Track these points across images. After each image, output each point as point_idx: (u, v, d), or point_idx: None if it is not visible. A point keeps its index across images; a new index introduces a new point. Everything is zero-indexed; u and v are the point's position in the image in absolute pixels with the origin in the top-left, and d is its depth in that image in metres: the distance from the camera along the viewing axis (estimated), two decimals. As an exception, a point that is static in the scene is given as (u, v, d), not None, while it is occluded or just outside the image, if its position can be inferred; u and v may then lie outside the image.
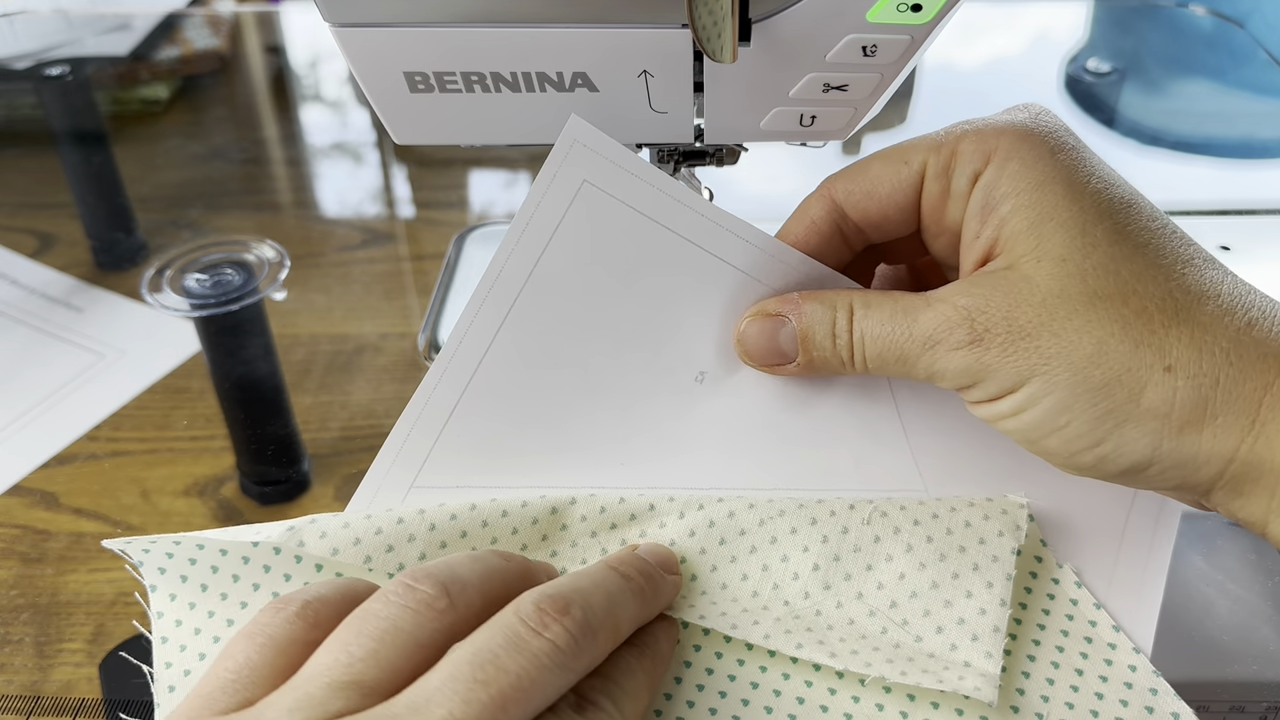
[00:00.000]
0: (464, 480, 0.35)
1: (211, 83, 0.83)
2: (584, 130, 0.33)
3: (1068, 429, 0.29)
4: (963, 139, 0.31)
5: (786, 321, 0.33)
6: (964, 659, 0.31)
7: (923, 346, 0.30)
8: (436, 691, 0.24)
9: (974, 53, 0.85)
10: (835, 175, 0.34)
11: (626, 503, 0.34)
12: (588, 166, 0.33)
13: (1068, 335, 0.28)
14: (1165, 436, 0.28)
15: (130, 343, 0.56)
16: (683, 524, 0.34)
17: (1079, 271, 0.29)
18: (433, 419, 0.35)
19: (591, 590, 0.28)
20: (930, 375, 0.31)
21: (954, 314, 0.30)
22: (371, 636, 0.25)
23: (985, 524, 0.33)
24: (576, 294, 0.34)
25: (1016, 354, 0.29)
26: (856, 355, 0.32)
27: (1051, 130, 0.31)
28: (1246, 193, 0.67)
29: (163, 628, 0.32)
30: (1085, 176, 0.30)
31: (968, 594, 0.32)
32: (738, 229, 0.34)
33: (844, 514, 0.33)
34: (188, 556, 0.33)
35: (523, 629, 0.26)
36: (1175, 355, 0.28)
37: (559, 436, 0.35)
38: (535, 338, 0.35)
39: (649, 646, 0.30)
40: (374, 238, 0.65)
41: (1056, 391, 0.28)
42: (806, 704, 0.31)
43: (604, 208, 0.34)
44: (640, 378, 0.35)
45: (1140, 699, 0.31)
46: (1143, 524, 0.34)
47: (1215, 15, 0.87)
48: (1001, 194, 0.30)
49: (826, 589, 0.32)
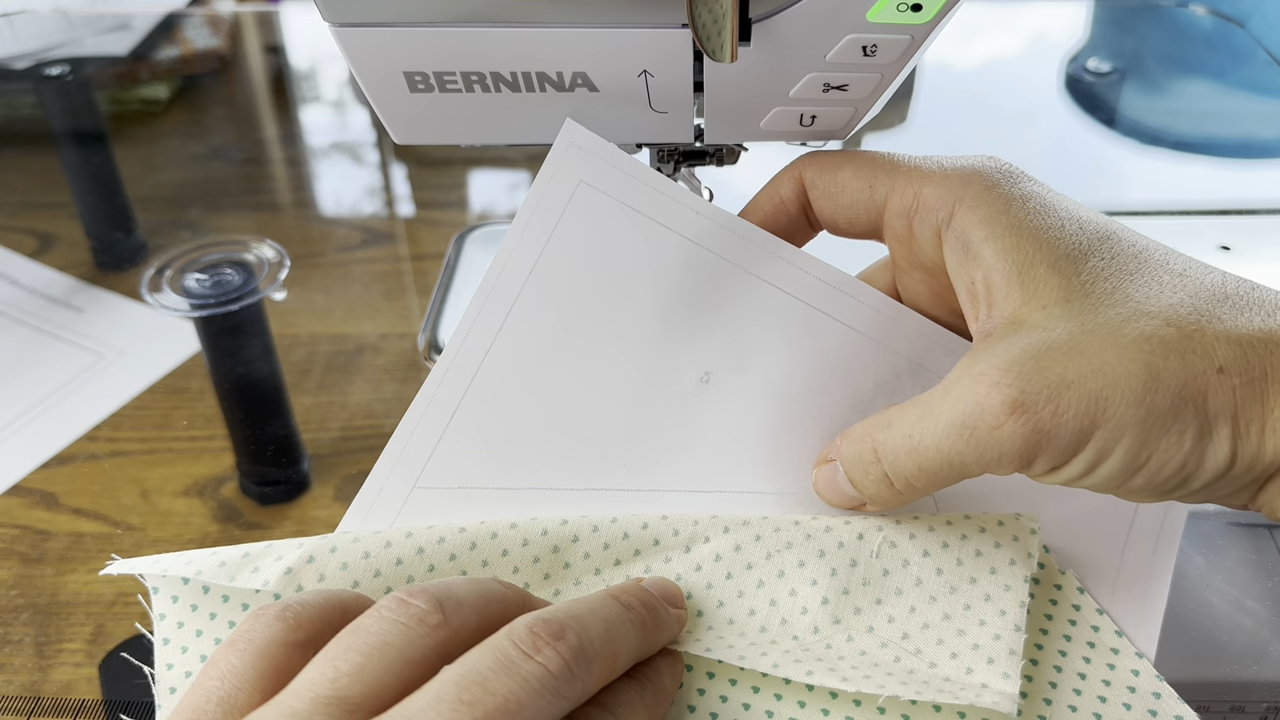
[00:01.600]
0: (466, 481, 0.35)
1: (211, 83, 0.83)
2: (579, 133, 0.33)
3: (1150, 464, 0.27)
4: (926, 183, 0.31)
5: (838, 466, 0.32)
6: (980, 681, 0.30)
7: (958, 438, 0.27)
8: (420, 712, 0.23)
9: (974, 53, 0.85)
10: (809, 156, 0.33)
11: (630, 538, 0.33)
12: (584, 168, 0.33)
13: (1112, 368, 0.26)
14: (1240, 438, 0.27)
15: (130, 343, 0.56)
16: (688, 559, 0.33)
17: (1089, 308, 0.28)
18: (435, 420, 0.35)
19: (588, 617, 0.27)
20: (984, 465, 0.28)
21: (980, 388, 0.27)
22: (359, 651, 0.25)
23: (997, 553, 0.32)
24: (577, 295, 0.34)
25: (1069, 407, 0.26)
26: (906, 487, 0.30)
27: (1013, 177, 0.31)
28: (1246, 193, 0.67)
29: (165, 629, 0.32)
30: (1058, 220, 0.29)
31: (981, 623, 0.31)
32: (735, 226, 0.34)
33: (853, 546, 0.33)
34: (202, 585, 0.33)
35: (514, 651, 0.25)
36: (1222, 355, 0.27)
37: (562, 437, 0.35)
38: (536, 339, 0.34)
39: (650, 681, 0.29)
40: (374, 238, 0.65)
41: (1128, 434, 0.26)
42: (808, 707, 0.31)
43: (601, 208, 0.34)
44: (644, 378, 0.35)
45: (1143, 703, 0.31)
46: (1147, 528, 0.34)
47: (1215, 15, 0.87)
48: (980, 238, 0.29)
49: (836, 623, 0.31)
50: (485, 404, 0.35)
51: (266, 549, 0.32)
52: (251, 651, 0.26)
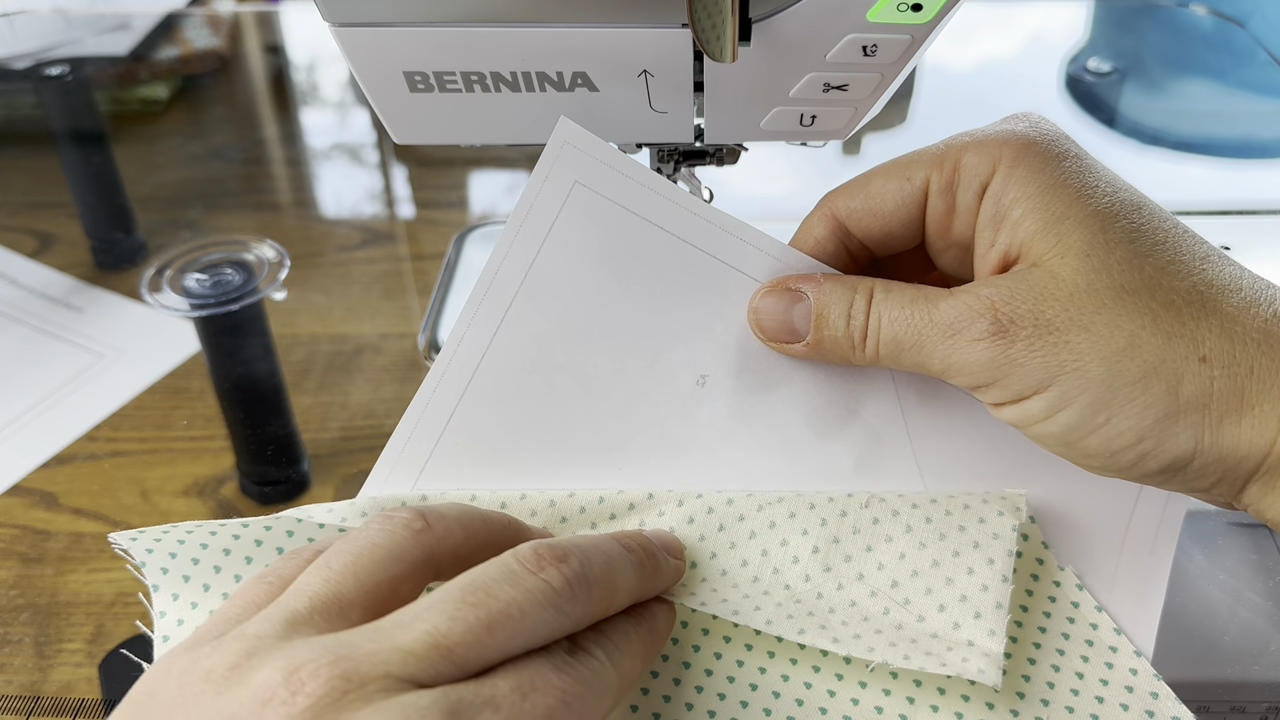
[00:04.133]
0: (464, 484, 0.35)
1: (211, 83, 0.83)
2: (574, 132, 0.33)
3: (1108, 426, 0.28)
4: (965, 152, 0.31)
5: (804, 297, 0.33)
6: (967, 637, 0.30)
7: (942, 334, 0.29)
8: (426, 611, 0.24)
9: (974, 53, 0.85)
10: (835, 192, 0.33)
11: (625, 493, 0.34)
12: (579, 168, 0.33)
13: (1098, 329, 0.28)
14: (1206, 429, 0.27)
15: (130, 343, 0.56)
16: (681, 512, 0.34)
17: (1104, 266, 0.28)
18: (432, 423, 0.35)
19: (590, 549, 0.28)
20: (946, 368, 0.30)
21: (978, 304, 0.29)
22: (349, 552, 0.26)
23: (984, 506, 0.33)
24: (573, 296, 0.34)
25: (1044, 349, 0.28)
26: (870, 339, 0.31)
27: (1053, 138, 0.31)
28: (1246, 193, 0.67)
29: (165, 627, 0.32)
30: (1094, 180, 0.30)
31: (969, 570, 0.32)
32: (732, 228, 0.34)
33: (842, 499, 0.34)
34: (191, 556, 0.33)
35: (518, 567, 0.26)
36: (1209, 346, 0.27)
37: (558, 440, 0.35)
38: (532, 341, 0.34)
39: (646, 619, 0.30)
40: (374, 238, 0.65)
41: (1092, 388, 0.28)
42: (805, 705, 0.31)
43: (597, 209, 0.34)
44: (640, 380, 0.35)
45: (1141, 702, 0.31)
46: (1145, 526, 0.34)
47: (1215, 15, 0.87)
48: (1011, 199, 0.30)
49: (827, 571, 0.32)
50: (482, 407, 0.35)
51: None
52: (279, 585, 0.27)
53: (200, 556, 0.33)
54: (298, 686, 0.22)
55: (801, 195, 0.66)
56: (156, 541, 0.33)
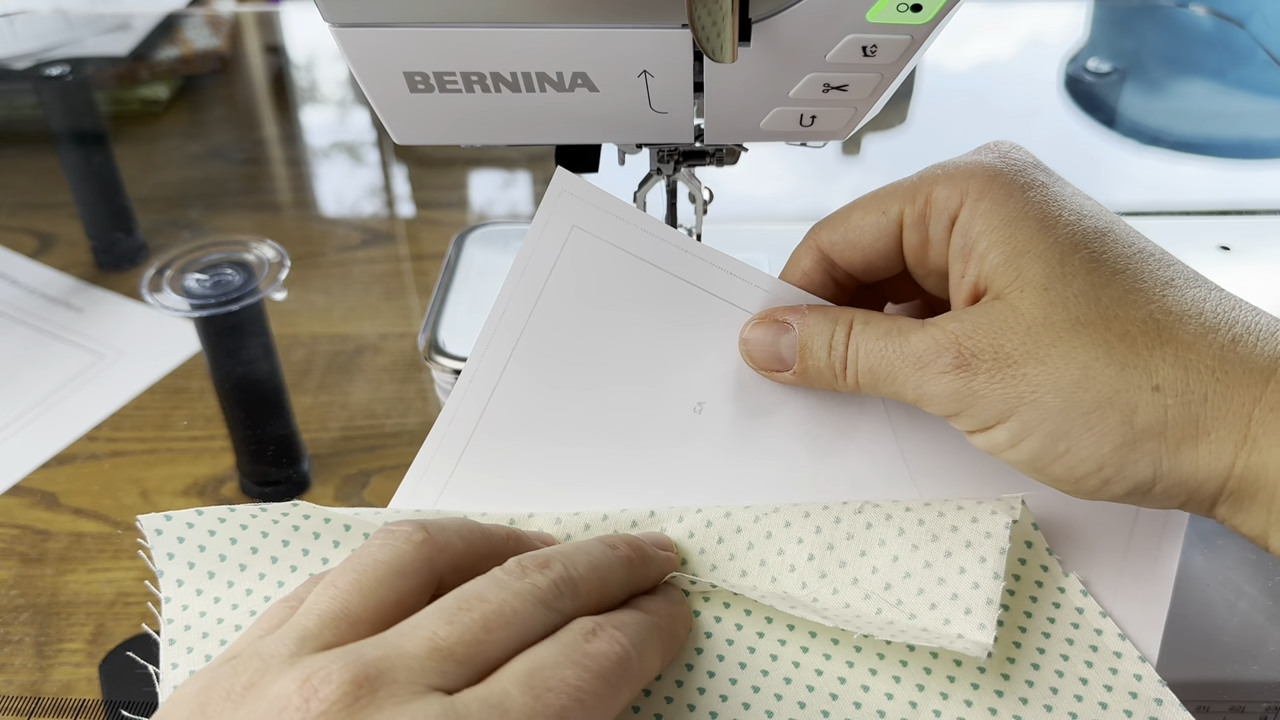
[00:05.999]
0: (479, 509, 0.36)
1: (211, 83, 0.83)
2: (570, 180, 0.36)
3: (1069, 455, 0.29)
4: (935, 184, 0.32)
5: (790, 329, 0.34)
6: (956, 632, 0.31)
7: (913, 366, 0.31)
8: (423, 618, 0.26)
9: (974, 53, 0.85)
10: (819, 225, 0.35)
11: (628, 510, 0.35)
12: (576, 213, 0.36)
13: (1053, 361, 0.29)
14: (1164, 455, 0.28)
15: (130, 343, 0.56)
16: (682, 527, 0.35)
17: (1060, 300, 0.29)
18: (444, 462, 0.36)
19: (573, 551, 0.30)
20: (918, 397, 0.31)
21: (943, 338, 0.30)
22: (354, 570, 0.27)
23: (978, 506, 0.34)
24: (576, 333, 0.36)
25: (1004, 381, 0.29)
26: (849, 369, 0.32)
27: (1020, 168, 0.32)
28: (1246, 193, 0.67)
29: (170, 611, 0.34)
30: (1057, 210, 0.31)
31: (961, 569, 0.32)
32: (722, 263, 0.36)
33: (836, 506, 0.34)
34: (198, 544, 0.34)
35: (505, 576, 0.28)
36: (1162, 375, 0.28)
37: (567, 471, 0.36)
38: (540, 377, 0.36)
39: (664, 619, 0.31)
40: (374, 238, 0.65)
41: (1050, 419, 0.29)
42: (808, 709, 0.31)
43: (594, 250, 0.36)
44: (641, 411, 0.36)
45: (1145, 709, 0.31)
46: (1149, 533, 0.34)
47: (1215, 15, 0.87)
48: (977, 232, 0.31)
49: (822, 577, 0.33)
50: (493, 439, 0.36)
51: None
52: (298, 605, 0.28)
53: (207, 544, 0.35)
54: (311, 693, 0.23)
55: (801, 195, 0.66)
56: (191, 522, 0.35)
